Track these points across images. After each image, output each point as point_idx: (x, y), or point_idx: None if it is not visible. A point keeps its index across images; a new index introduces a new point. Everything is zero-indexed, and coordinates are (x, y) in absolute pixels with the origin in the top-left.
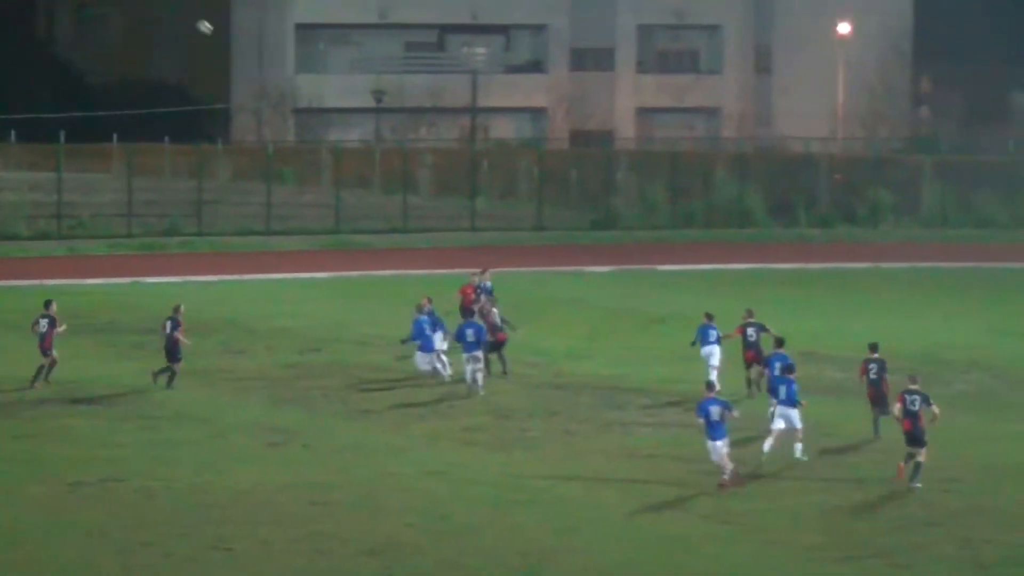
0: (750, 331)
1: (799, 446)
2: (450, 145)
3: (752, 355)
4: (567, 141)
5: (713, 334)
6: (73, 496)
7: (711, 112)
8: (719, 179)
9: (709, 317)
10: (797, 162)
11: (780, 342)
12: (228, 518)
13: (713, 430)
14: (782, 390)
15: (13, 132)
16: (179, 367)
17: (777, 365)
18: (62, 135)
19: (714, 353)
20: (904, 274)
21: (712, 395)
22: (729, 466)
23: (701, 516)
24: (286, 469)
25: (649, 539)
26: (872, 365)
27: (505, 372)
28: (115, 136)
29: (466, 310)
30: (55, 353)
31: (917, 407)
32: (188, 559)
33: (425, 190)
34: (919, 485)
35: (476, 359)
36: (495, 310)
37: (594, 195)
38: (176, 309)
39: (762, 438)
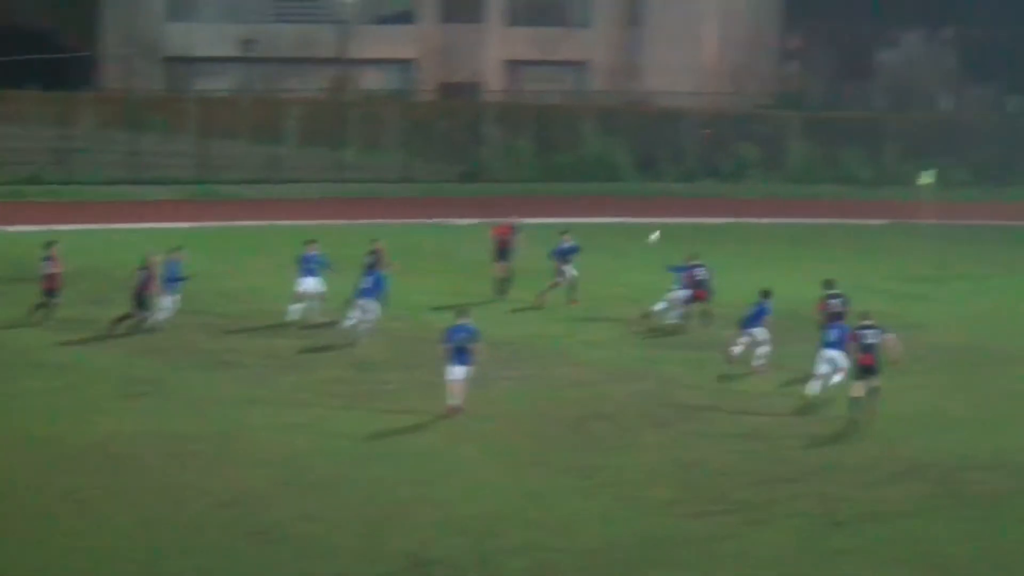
0: (699, 271)
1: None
2: (318, 96)
3: (702, 294)
4: (435, 93)
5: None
6: None
7: (580, 65)
8: (586, 133)
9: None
10: (664, 117)
11: (766, 293)
12: (82, 468)
13: (458, 356)
14: (833, 333)
15: None
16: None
17: (755, 309)
18: None
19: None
20: (768, 229)
21: (462, 321)
22: (460, 396)
23: (559, 470)
24: (144, 419)
25: (506, 493)
26: (833, 301)
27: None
28: None
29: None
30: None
31: (873, 340)
32: (41, 511)
33: (293, 140)
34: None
35: (366, 308)
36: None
37: (461, 147)
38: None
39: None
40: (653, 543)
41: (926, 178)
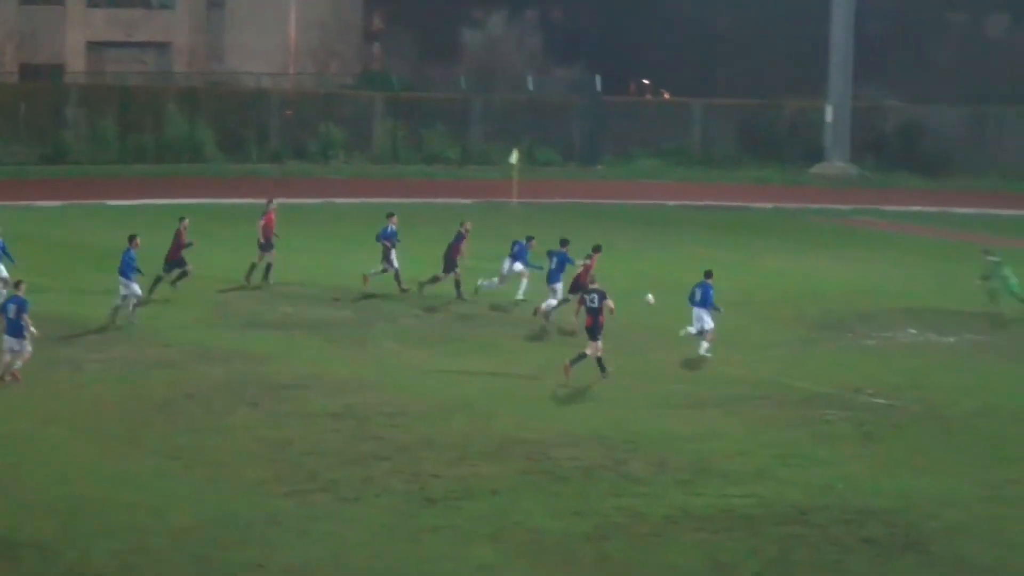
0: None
1: (706, 344)
2: None
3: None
4: (16, 75)
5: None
6: None
7: (162, 47)
8: (170, 114)
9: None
10: (248, 97)
11: (564, 242)
12: None
13: (11, 327)
14: (698, 293)
15: None
16: None
17: (555, 260)
18: None
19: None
20: (355, 210)
21: (16, 293)
22: (20, 363)
23: (149, 451)
24: None
25: (96, 474)
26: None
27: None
28: None
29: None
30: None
31: (597, 304)
32: None
33: None
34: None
35: (127, 286)
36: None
37: (43, 129)
38: None
39: None
40: (245, 523)
41: (511, 158)
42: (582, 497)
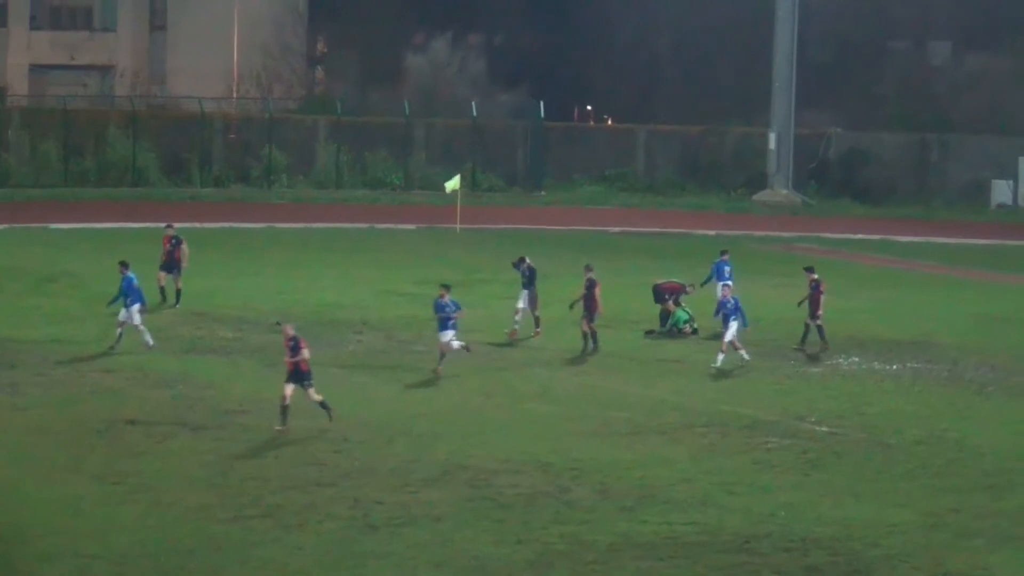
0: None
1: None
2: None
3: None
4: None
5: (727, 270)
6: None
7: (105, 70)
8: (112, 137)
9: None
10: (191, 121)
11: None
12: None
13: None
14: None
15: None
16: None
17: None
18: None
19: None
20: (298, 234)
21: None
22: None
23: (91, 476)
24: None
25: (38, 500)
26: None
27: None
28: None
29: None
30: None
31: None
32: None
33: None
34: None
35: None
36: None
37: None
38: None
39: None
40: (188, 549)
41: (452, 184)
42: (525, 524)
